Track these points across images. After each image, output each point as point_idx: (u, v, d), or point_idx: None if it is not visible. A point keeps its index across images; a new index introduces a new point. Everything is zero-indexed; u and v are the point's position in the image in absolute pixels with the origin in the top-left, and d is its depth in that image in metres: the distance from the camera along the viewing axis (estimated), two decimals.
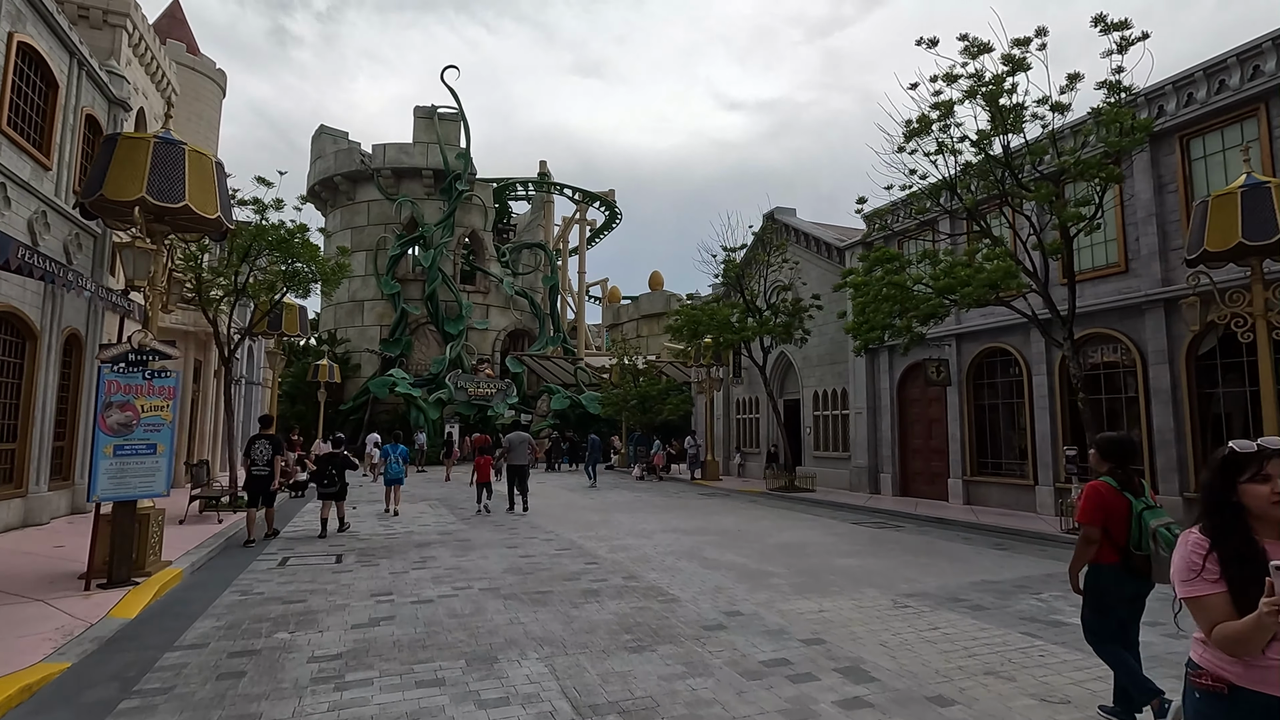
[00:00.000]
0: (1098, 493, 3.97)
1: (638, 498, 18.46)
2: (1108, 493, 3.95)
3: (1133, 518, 3.87)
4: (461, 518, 13.97)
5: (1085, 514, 3.98)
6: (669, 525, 12.94)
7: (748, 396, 25.90)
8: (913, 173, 12.27)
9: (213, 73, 23.75)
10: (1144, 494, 3.99)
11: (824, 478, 20.61)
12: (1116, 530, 3.90)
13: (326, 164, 44.94)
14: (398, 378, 38.26)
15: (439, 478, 25.23)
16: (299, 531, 11.99)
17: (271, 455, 10.87)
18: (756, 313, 19.54)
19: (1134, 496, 3.94)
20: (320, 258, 14.21)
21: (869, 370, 19.23)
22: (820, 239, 21.59)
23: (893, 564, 9.30)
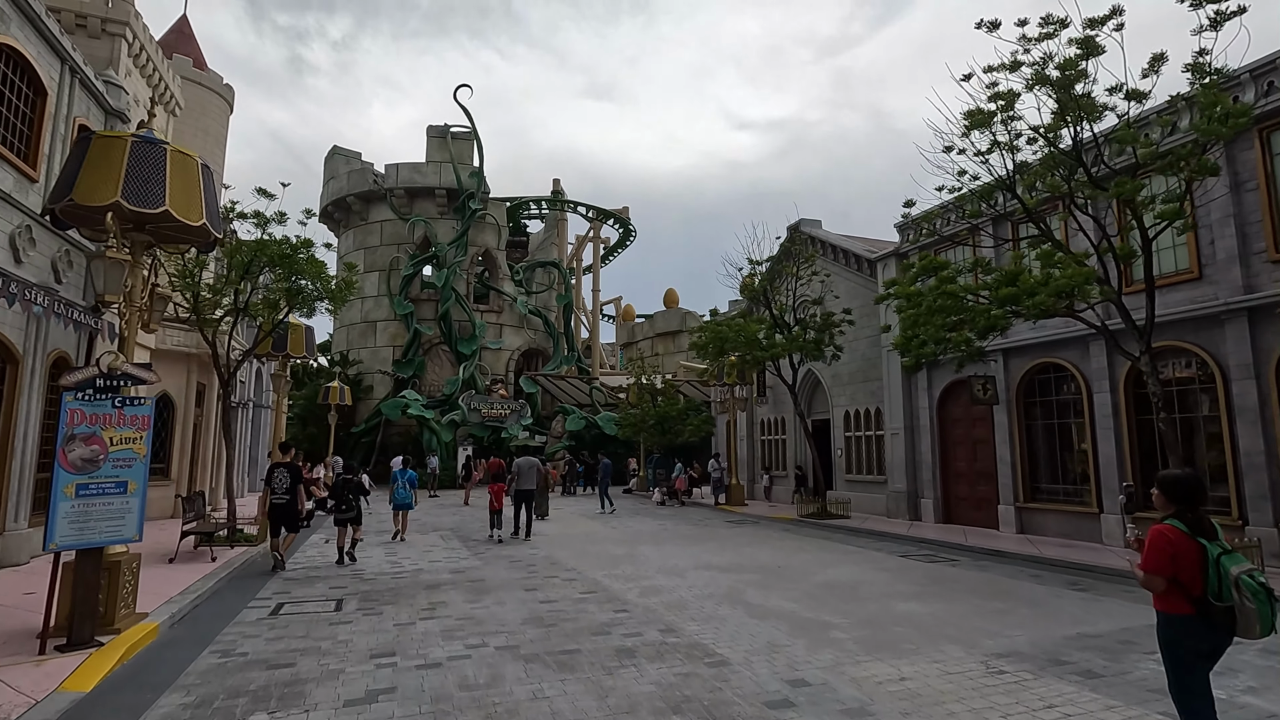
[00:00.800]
0: (1165, 539, 3.56)
1: (662, 527, 17.35)
2: (1177, 538, 3.54)
3: (1208, 564, 3.46)
4: (475, 552, 12.94)
5: (1152, 562, 3.58)
6: (701, 560, 11.83)
7: (773, 416, 24.77)
8: (962, 173, 11.26)
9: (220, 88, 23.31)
10: (1217, 536, 3.57)
11: (858, 503, 19.41)
12: (1189, 578, 3.49)
13: (339, 184, 44.66)
14: (410, 399, 37.46)
15: (453, 502, 24.24)
16: (301, 568, 11.01)
17: (291, 483, 10.84)
18: (785, 328, 18.50)
19: (1207, 540, 3.52)
20: (326, 274, 13.38)
21: (905, 388, 18.09)
22: (849, 251, 20.58)
23: (964, 610, 8.16)
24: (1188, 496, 3.65)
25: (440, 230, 42.72)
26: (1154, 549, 3.59)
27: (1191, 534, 3.54)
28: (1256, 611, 3.28)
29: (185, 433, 17.55)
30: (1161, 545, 3.56)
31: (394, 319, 41.87)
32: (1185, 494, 3.66)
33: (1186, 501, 3.65)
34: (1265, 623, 3.30)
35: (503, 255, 44.99)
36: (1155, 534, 3.62)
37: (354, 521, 11.81)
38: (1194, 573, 3.48)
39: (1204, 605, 3.46)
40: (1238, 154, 11.18)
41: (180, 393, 17.46)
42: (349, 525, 11.78)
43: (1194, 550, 3.51)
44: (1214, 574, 3.43)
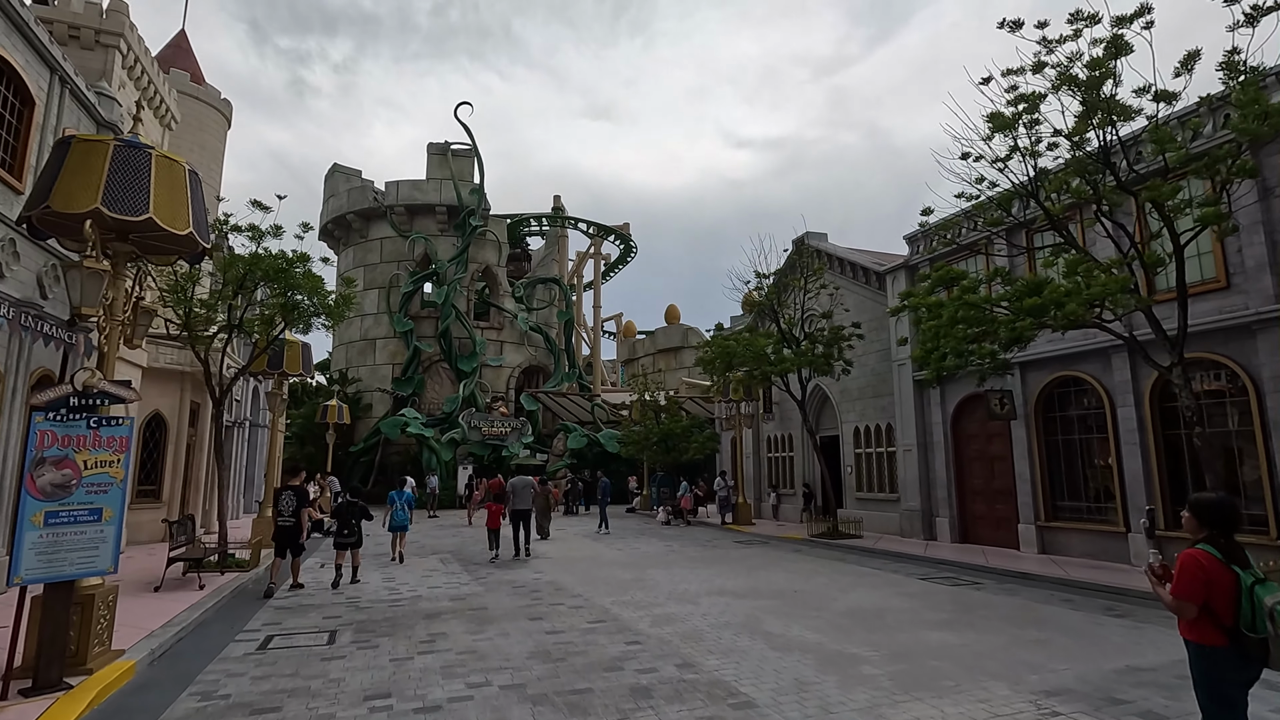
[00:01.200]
0: (1198, 565, 3.39)
1: (669, 548, 16.80)
2: (1211, 565, 3.38)
3: (1242, 594, 3.31)
4: (476, 576, 12.39)
5: (1184, 588, 3.39)
6: (714, 585, 11.30)
7: (780, 433, 24.26)
8: (980, 180, 10.89)
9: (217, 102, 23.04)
10: (1250, 564, 3.43)
11: (869, 522, 18.86)
12: (1221, 607, 3.34)
13: (339, 202, 44.49)
14: (409, 417, 36.96)
15: (453, 523, 23.67)
16: (294, 595, 10.47)
17: (297, 506, 10.89)
18: (793, 343, 18.07)
19: (1240, 569, 3.36)
20: (323, 289, 12.97)
21: (918, 403, 17.62)
22: (857, 264, 20.21)
23: (1000, 641, 7.64)
24: (1223, 521, 3.49)
25: (440, 247, 42.47)
26: (1186, 575, 3.41)
27: (1225, 561, 3.38)
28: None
29: (178, 453, 17.04)
30: (1194, 571, 3.38)
31: (393, 336, 41.48)
32: (1221, 519, 3.50)
33: (1221, 526, 3.49)
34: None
35: (503, 272, 44.70)
36: (1188, 559, 3.43)
37: (354, 546, 11.72)
38: (1227, 601, 3.33)
39: (1237, 636, 3.31)
40: (1265, 159, 10.81)
41: (173, 412, 16.98)
42: (350, 550, 11.71)
43: (1228, 578, 3.35)
44: (1247, 604, 3.28)
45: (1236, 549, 3.44)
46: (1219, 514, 3.51)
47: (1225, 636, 3.32)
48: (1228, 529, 3.48)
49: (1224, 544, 3.44)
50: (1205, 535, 3.50)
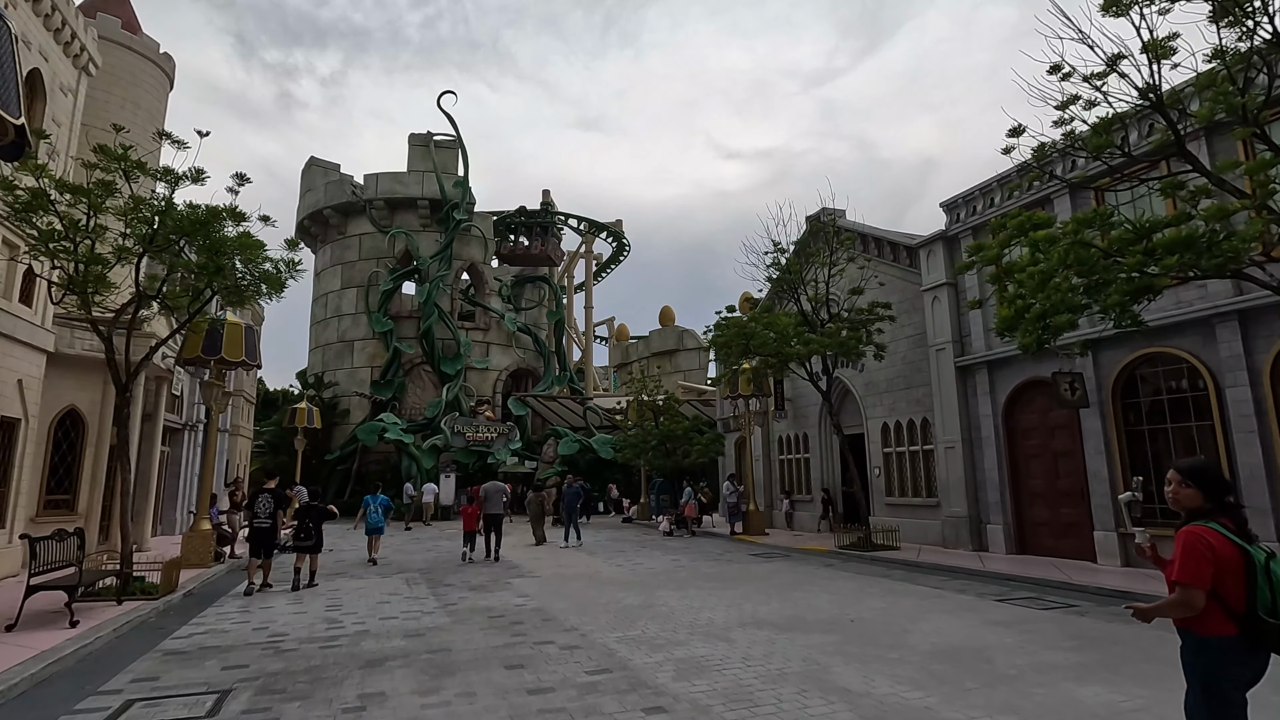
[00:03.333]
0: (1205, 543, 2.81)
1: (677, 563, 14.39)
2: (1219, 543, 2.80)
3: (1256, 573, 2.75)
4: (444, 602, 9.94)
5: (1191, 572, 2.79)
6: (744, 613, 8.91)
7: (794, 433, 21.94)
8: (1073, 101, 8.61)
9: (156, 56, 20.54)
10: (1256, 537, 2.90)
11: (904, 531, 16.52)
12: (1231, 591, 2.77)
13: (316, 197, 42.07)
14: (388, 423, 34.41)
15: (431, 535, 21.13)
16: (200, 630, 8.01)
17: (274, 509, 11.53)
18: (816, 325, 15.78)
19: (1248, 544, 2.81)
20: (258, 251, 10.54)
21: (961, 393, 15.35)
22: (884, 239, 17.99)
23: (1163, 693, 5.29)
24: (1223, 487, 2.98)
25: (423, 243, 40.07)
26: (1192, 556, 2.80)
27: (1235, 537, 2.82)
28: None
29: (99, 457, 14.50)
30: (1201, 551, 2.80)
31: (372, 338, 38.98)
32: (1223, 487, 2.98)
33: (1221, 493, 2.96)
34: None
35: (489, 269, 42.33)
36: (1191, 537, 2.85)
37: (313, 550, 11.59)
38: (1238, 584, 2.76)
39: (1252, 623, 2.74)
40: None
41: (93, 408, 14.46)
42: (308, 554, 11.58)
43: (1238, 556, 2.78)
44: (1264, 585, 2.72)
45: (1239, 522, 2.90)
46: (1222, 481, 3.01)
47: (1234, 625, 2.76)
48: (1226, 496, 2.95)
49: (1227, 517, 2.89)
50: (1206, 508, 2.95)
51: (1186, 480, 3.04)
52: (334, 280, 41.23)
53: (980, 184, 14.92)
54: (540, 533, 18.92)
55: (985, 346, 14.88)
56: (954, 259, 15.89)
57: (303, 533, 11.46)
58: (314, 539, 11.52)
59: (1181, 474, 3.07)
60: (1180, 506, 3.04)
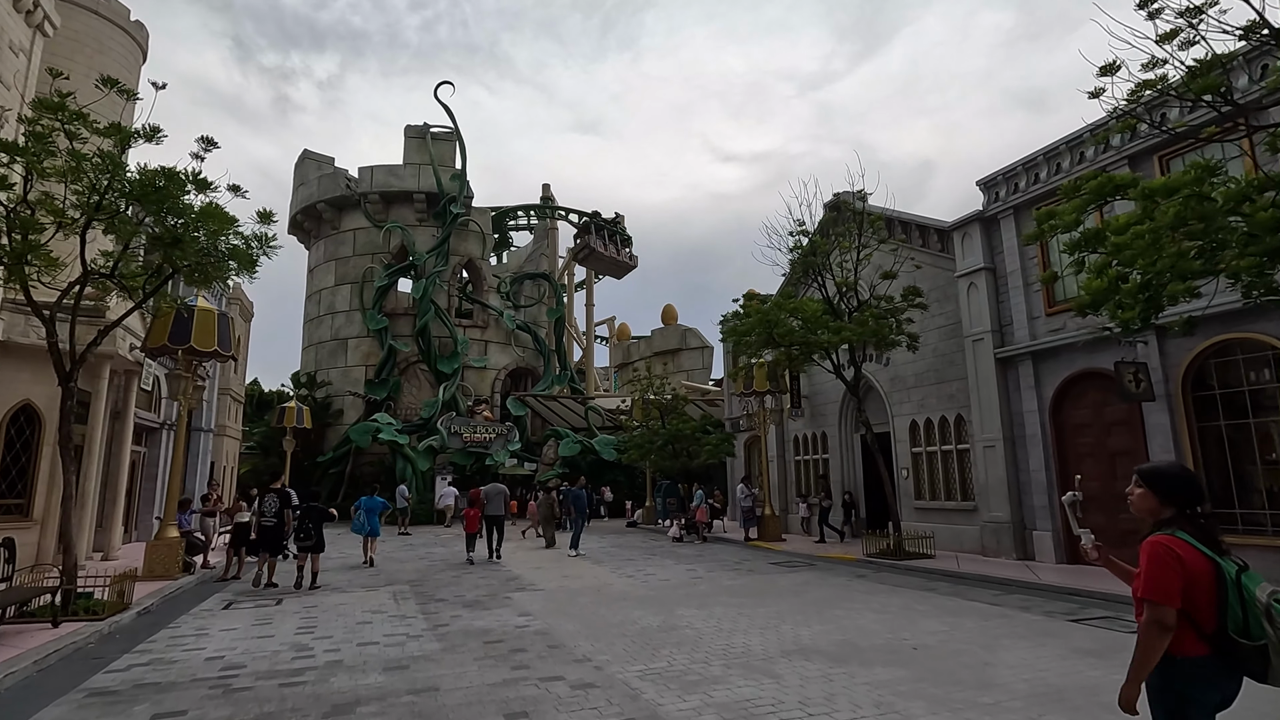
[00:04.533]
0: (1173, 555, 2.51)
1: (693, 573, 13.11)
2: (1189, 555, 2.51)
3: (1228, 588, 2.46)
4: (435, 623, 8.65)
5: (1160, 588, 2.47)
6: (785, 636, 7.63)
7: (811, 432, 20.66)
8: (1171, 36, 7.33)
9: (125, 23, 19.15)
10: (1226, 550, 2.57)
11: (937, 537, 15.23)
12: (1200, 607, 2.49)
13: (309, 191, 40.77)
14: (382, 423, 33.11)
15: (424, 542, 19.80)
16: (140, 663, 6.72)
17: (280, 508, 12.01)
18: (841, 313, 14.48)
19: (1219, 556, 2.53)
20: (225, 223, 9.24)
21: (1002, 387, 14.09)
22: (912, 223, 16.73)
23: None
24: (1192, 494, 2.66)
25: (419, 238, 38.79)
26: (1160, 569, 2.50)
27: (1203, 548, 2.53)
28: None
29: (59, 458, 13.17)
30: (1169, 564, 2.49)
31: (367, 335, 37.65)
32: (1189, 492, 2.67)
33: (1189, 501, 2.65)
34: None
35: (488, 265, 41.05)
36: (1160, 549, 2.53)
37: (314, 550, 11.65)
38: (1209, 600, 2.47)
39: (1224, 644, 2.44)
40: None
41: (52, 403, 13.09)
42: (310, 554, 11.64)
43: (1209, 570, 2.50)
44: (1235, 601, 2.43)
45: (1208, 531, 2.59)
46: (1186, 486, 2.68)
47: (1205, 644, 2.47)
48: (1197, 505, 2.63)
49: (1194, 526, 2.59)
50: (1172, 516, 2.65)
51: (1145, 486, 2.76)
52: (327, 277, 39.95)
53: (1024, 158, 13.67)
54: (550, 534, 18.92)
55: (1029, 336, 13.63)
56: (992, 241, 14.65)
57: (303, 533, 11.59)
58: (314, 539, 11.63)
59: (1141, 479, 2.80)
60: (1141, 514, 2.80)
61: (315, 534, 11.68)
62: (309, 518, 11.76)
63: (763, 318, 13.77)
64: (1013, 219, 14.06)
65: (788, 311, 13.57)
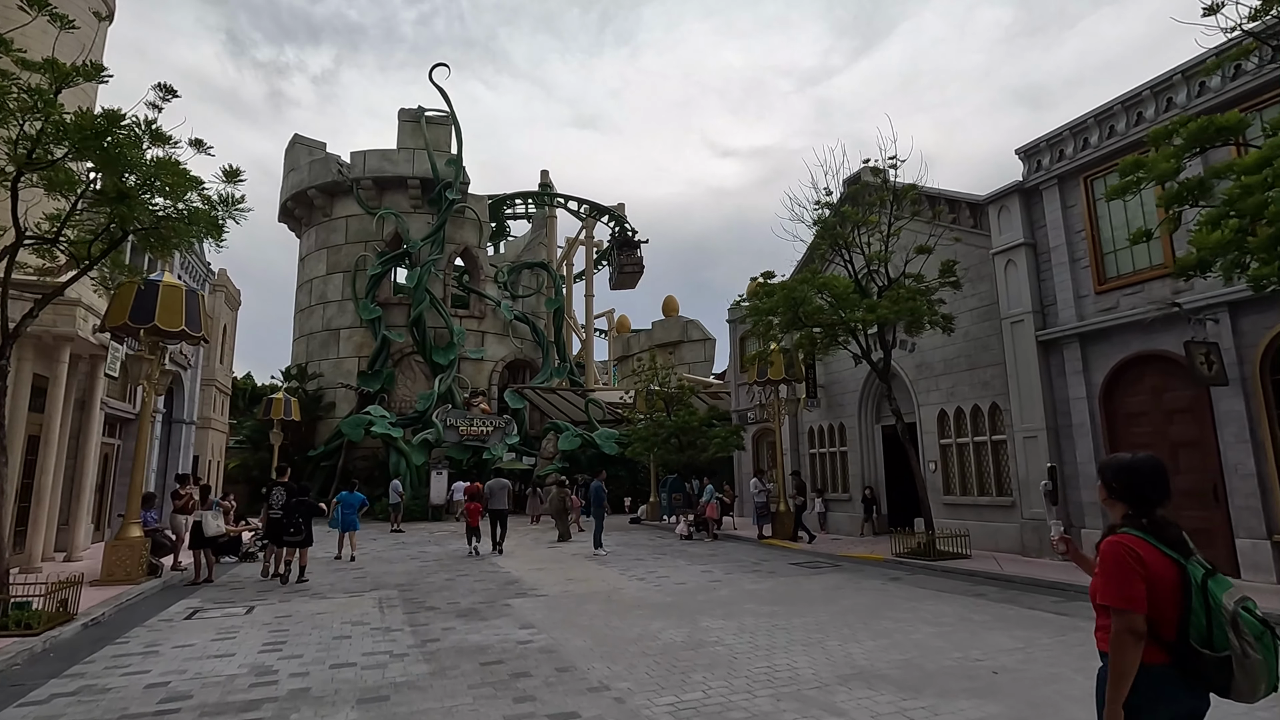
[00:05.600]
0: (1133, 555, 2.26)
1: (710, 576, 11.97)
2: (1150, 556, 2.26)
3: (1191, 593, 2.21)
4: (423, 638, 7.49)
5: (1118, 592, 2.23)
6: (834, 655, 6.49)
7: (827, 423, 19.52)
8: None
9: None
10: (1193, 550, 2.31)
11: (971, 535, 14.10)
12: (1162, 613, 2.24)
13: (300, 176, 39.46)
14: (375, 416, 31.89)
15: (418, 540, 18.62)
16: (50, 704, 5.57)
17: (287, 499, 11.86)
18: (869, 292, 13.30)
19: (1183, 557, 2.27)
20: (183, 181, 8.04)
21: (1044, 372, 12.95)
22: (942, 198, 15.55)
23: None
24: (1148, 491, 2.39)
25: (413, 225, 37.54)
26: (1118, 570, 2.25)
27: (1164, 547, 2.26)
28: (1263, 663, 2.11)
29: (13, 451, 11.97)
30: (1128, 565, 2.24)
31: (360, 326, 36.40)
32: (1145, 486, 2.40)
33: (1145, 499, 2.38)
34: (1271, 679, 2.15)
35: (484, 254, 39.80)
36: (1117, 549, 2.29)
37: (302, 544, 11.67)
38: (1171, 605, 2.23)
39: (1185, 654, 2.20)
40: None
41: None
42: (298, 548, 11.65)
43: (1171, 573, 2.23)
44: (1199, 607, 2.19)
45: (1172, 530, 2.31)
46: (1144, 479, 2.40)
47: (1164, 653, 2.23)
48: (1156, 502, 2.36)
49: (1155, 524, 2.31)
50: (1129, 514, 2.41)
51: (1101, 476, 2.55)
52: (319, 265, 38.69)
53: (1070, 122, 12.50)
54: (564, 529, 18.89)
55: (1076, 316, 12.48)
56: (1033, 214, 13.49)
57: (292, 527, 11.52)
58: (304, 533, 11.63)
59: (1101, 475, 2.58)
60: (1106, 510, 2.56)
61: (305, 528, 11.69)
62: (298, 511, 11.72)
63: (788, 295, 12.59)
64: (1056, 190, 12.90)
65: (816, 288, 12.39)
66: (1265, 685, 2.15)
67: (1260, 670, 2.13)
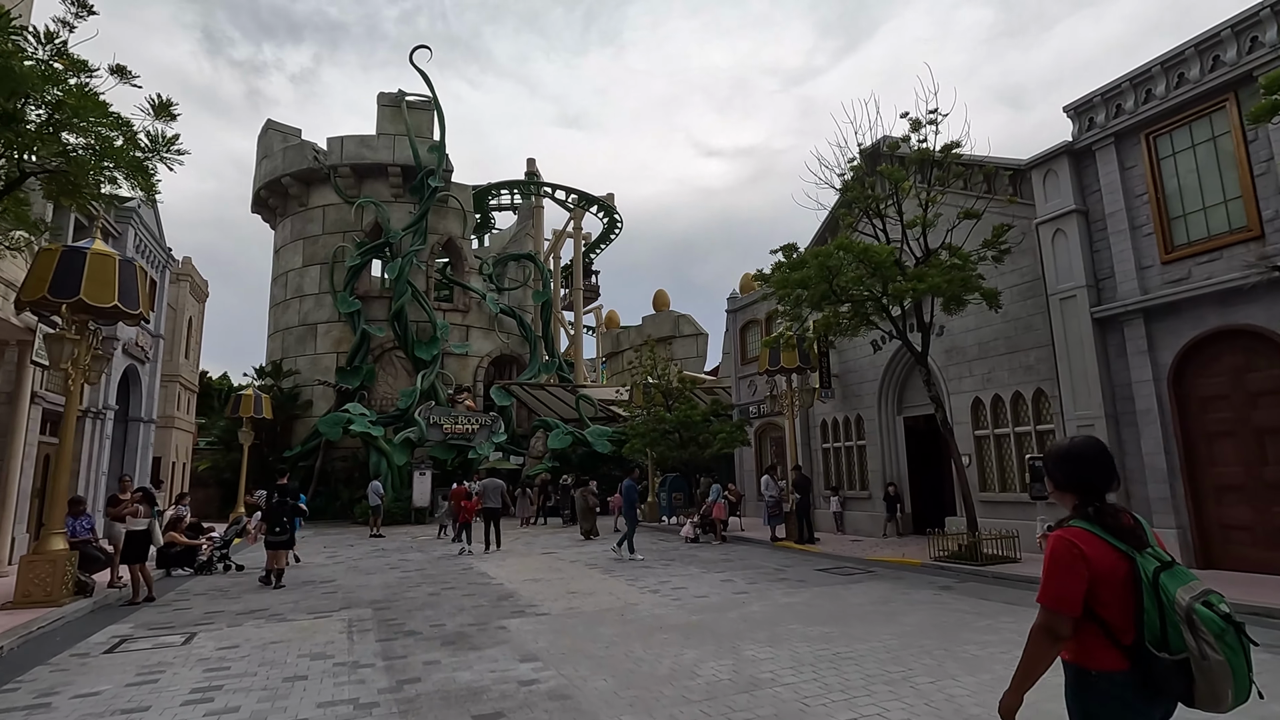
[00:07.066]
0: (1074, 550, 2.07)
1: (733, 586, 10.47)
2: (1093, 549, 2.05)
3: (1144, 590, 1.99)
4: (400, 677, 5.92)
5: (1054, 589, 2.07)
6: (937, 700, 5.01)
7: (843, 415, 18.11)
8: None
9: None
10: (1149, 542, 2.09)
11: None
12: (1114, 612, 2.03)
13: (274, 164, 37.47)
14: (354, 414, 30.06)
15: (398, 546, 16.96)
16: None
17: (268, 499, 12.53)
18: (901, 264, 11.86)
19: (1135, 550, 2.05)
20: (89, 102, 6.42)
21: (1101, 353, 11.60)
22: (975, 164, 14.17)
23: None
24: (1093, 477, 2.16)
25: (394, 215, 35.69)
26: (1055, 567, 2.09)
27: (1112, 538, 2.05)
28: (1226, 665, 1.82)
29: None
30: (1067, 561, 2.06)
31: (338, 320, 34.50)
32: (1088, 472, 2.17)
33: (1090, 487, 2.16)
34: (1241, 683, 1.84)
35: (468, 245, 38.05)
36: (1058, 545, 2.10)
37: (285, 545, 11.64)
38: (1123, 604, 2.01)
39: (1141, 657, 1.97)
40: None
41: None
42: (280, 550, 11.55)
43: (1122, 568, 2.02)
44: (1152, 605, 1.96)
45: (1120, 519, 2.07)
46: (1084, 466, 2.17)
47: (1123, 657, 2.02)
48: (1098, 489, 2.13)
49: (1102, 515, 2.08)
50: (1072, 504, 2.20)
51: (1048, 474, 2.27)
52: (294, 257, 36.75)
53: (1131, 72, 11.16)
54: (591, 526, 18.85)
55: (1139, 289, 11.14)
56: (1084, 178, 12.14)
57: (278, 527, 11.47)
58: (288, 534, 11.60)
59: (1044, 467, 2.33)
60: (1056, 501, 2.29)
61: (287, 530, 11.58)
62: (281, 512, 11.59)
63: (822, 263, 11.07)
64: (1113, 149, 11.56)
65: (855, 255, 10.87)
66: (1232, 691, 1.84)
67: (1221, 673, 1.82)
